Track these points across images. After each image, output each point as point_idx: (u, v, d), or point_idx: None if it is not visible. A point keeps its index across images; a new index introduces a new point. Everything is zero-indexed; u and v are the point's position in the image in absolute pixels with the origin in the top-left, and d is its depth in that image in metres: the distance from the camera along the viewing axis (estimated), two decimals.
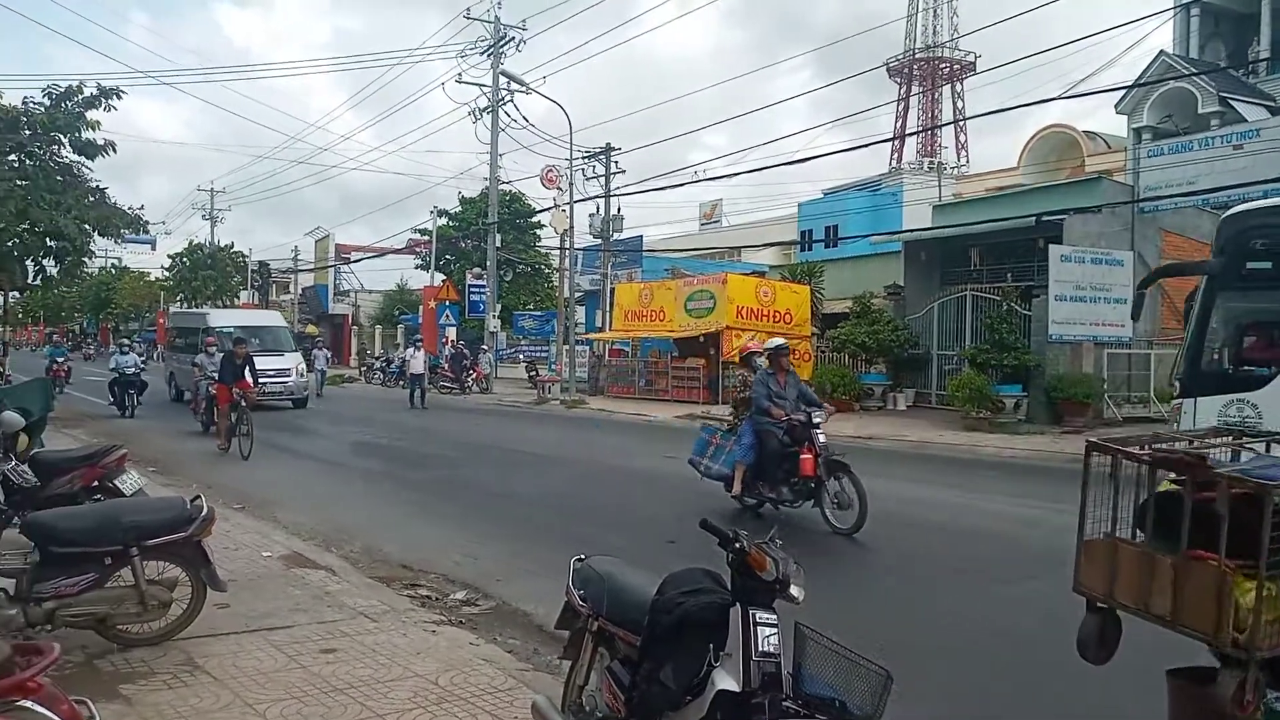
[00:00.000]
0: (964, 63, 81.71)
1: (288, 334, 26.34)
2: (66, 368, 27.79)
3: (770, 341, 9.95)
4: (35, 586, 4.87)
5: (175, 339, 28.72)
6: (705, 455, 10.05)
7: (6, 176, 15.92)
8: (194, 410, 18.32)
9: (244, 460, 13.57)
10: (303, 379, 24.37)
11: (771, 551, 2.92)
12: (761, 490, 9.45)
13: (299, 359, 24.79)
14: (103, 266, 63.05)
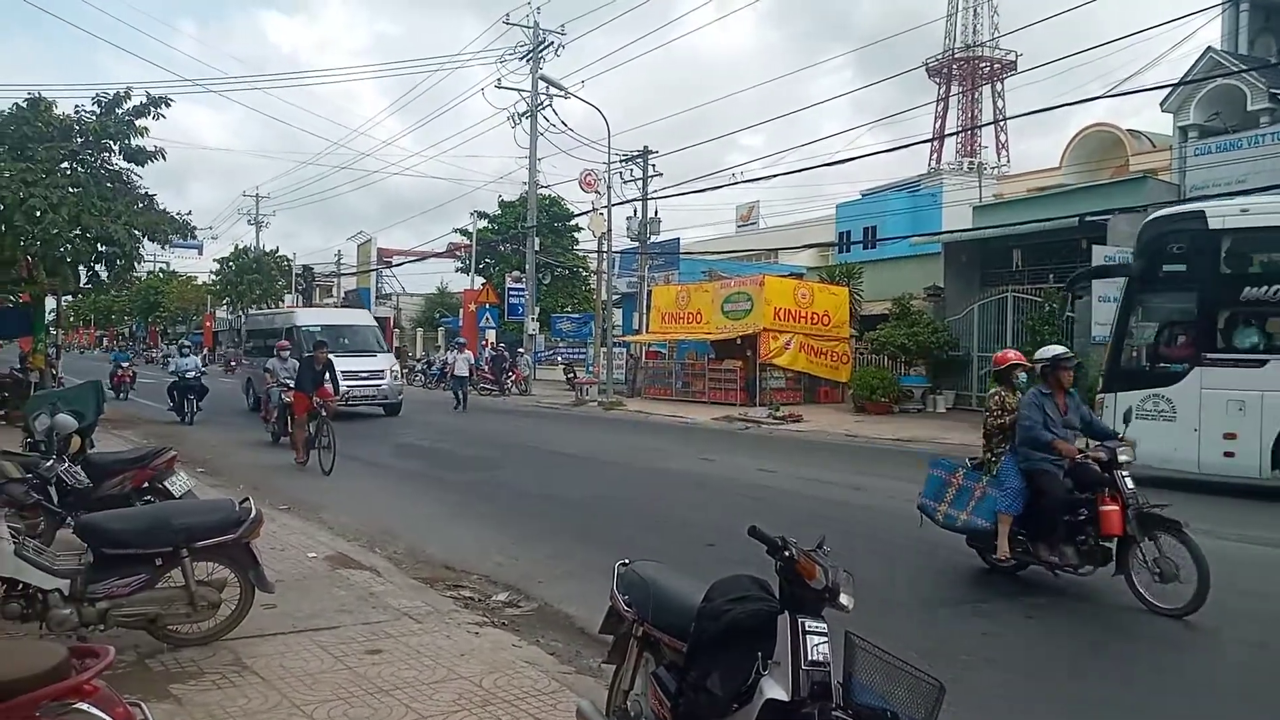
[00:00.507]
0: (1004, 62, 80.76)
1: (378, 333, 24.22)
2: (131, 373, 27.09)
3: (1045, 351, 7.48)
4: (89, 587, 4.96)
5: (253, 341, 27.31)
6: (943, 500, 7.60)
7: (59, 184, 16.24)
8: (264, 419, 17.12)
9: (325, 475, 12.50)
10: (397, 382, 22.34)
11: (821, 559, 2.90)
12: (1038, 552, 6.99)
13: (392, 360, 22.93)
14: (151, 271, 64.23)
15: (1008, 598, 6.88)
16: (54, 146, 16.67)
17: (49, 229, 16.04)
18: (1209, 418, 11.50)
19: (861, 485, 12.02)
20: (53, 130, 16.96)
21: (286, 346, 17.38)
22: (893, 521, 9.66)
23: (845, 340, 26.65)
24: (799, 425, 20.57)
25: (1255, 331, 11.63)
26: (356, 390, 19.55)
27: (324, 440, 12.91)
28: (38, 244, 16.50)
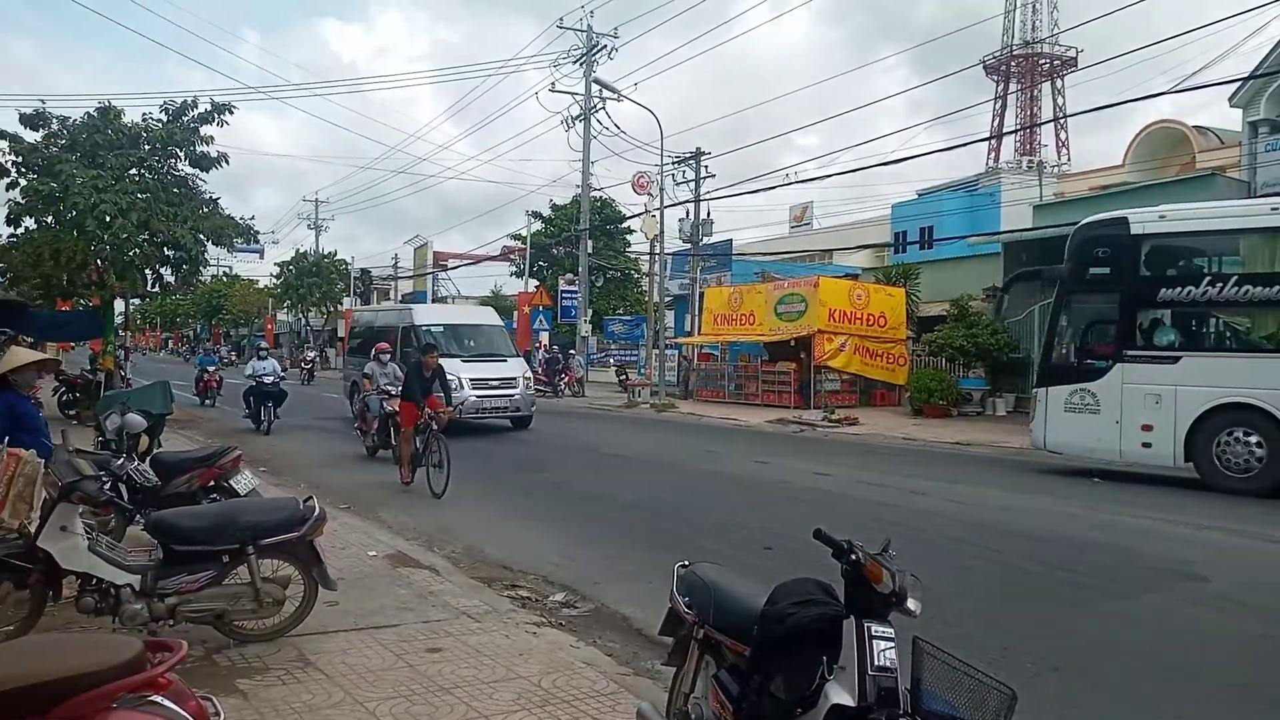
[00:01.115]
0: (1064, 58, 79.09)
1: (505, 335, 21.32)
2: (218, 378, 25.62)
3: None
4: (159, 582, 5.08)
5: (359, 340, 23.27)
6: None
7: (129, 190, 16.74)
8: (359, 429, 15.24)
9: (436, 499, 10.84)
10: (530, 392, 19.33)
11: (887, 563, 2.84)
12: None
13: (523, 366, 19.70)
14: (215, 274, 65.80)
15: (1074, 604, 6.72)
16: (123, 153, 17.18)
17: (119, 234, 16.53)
18: (1129, 411, 12.44)
19: (920, 489, 11.85)
20: (122, 138, 17.48)
21: (386, 349, 15.74)
22: (953, 526, 9.52)
23: (901, 342, 26.31)
24: (855, 428, 20.36)
25: (1171, 330, 12.58)
26: (486, 401, 17.68)
27: (434, 458, 11.24)
28: (108, 248, 17.01)
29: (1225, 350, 12.51)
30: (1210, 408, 11.83)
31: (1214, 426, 11.87)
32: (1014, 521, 9.80)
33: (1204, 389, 11.90)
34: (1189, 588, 7.20)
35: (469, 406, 17.08)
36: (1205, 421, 11.89)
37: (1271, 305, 11.83)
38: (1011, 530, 9.32)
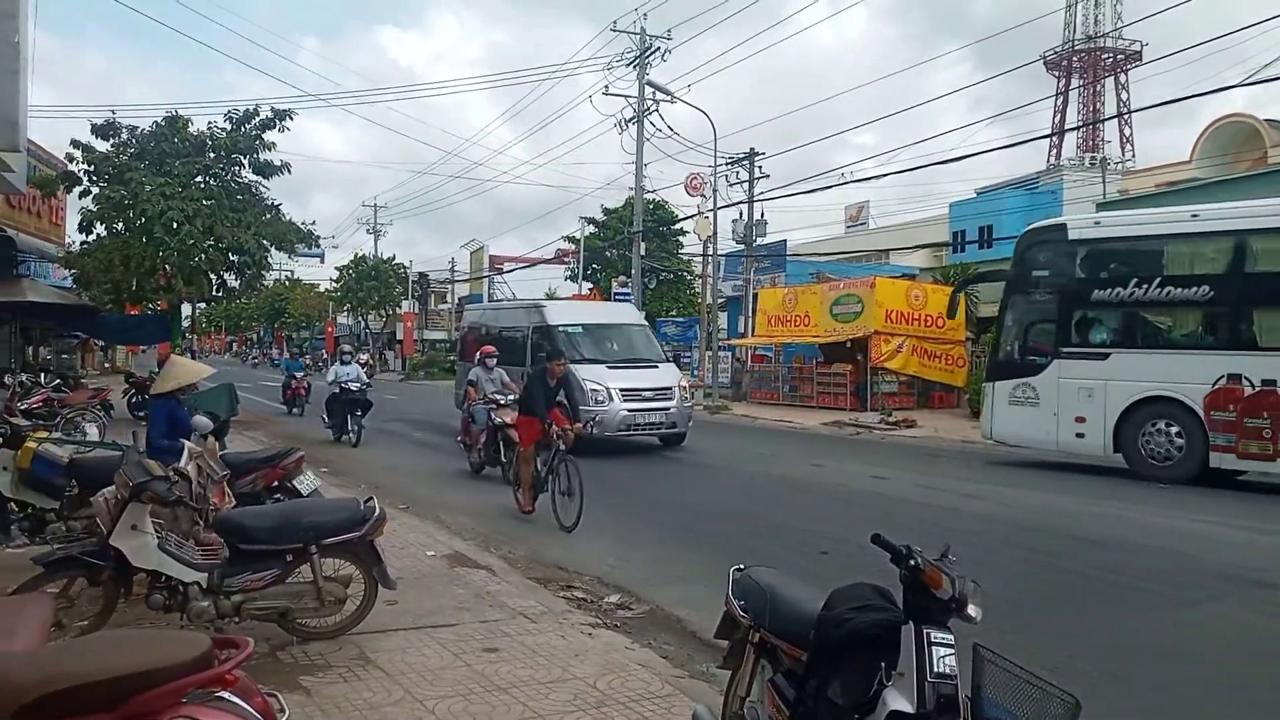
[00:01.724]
0: (1129, 52, 77.17)
1: (651, 336, 18.34)
2: (306, 384, 23.29)
3: None
4: (225, 580, 5.21)
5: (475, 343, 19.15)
6: None
7: (195, 197, 17.22)
8: (462, 442, 13.47)
9: (566, 532, 9.12)
10: (686, 405, 16.44)
11: (947, 569, 2.81)
12: None
13: (677, 373, 16.97)
14: (277, 279, 67.14)
15: (1135, 611, 6.56)
16: (190, 161, 17.66)
17: (185, 239, 16.99)
18: (1064, 404, 13.46)
19: (978, 493, 11.66)
20: (188, 146, 17.98)
21: (491, 352, 13.65)
22: (1013, 531, 9.36)
23: (961, 343, 25.91)
24: (912, 431, 20.10)
25: (1102, 328, 13.58)
26: (639, 416, 15.05)
27: (561, 482, 9.43)
28: (175, 254, 17.49)
29: (1149, 347, 13.23)
30: (1136, 401, 12.79)
31: (1140, 418, 12.81)
32: (1073, 526, 9.59)
33: (1130, 383, 12.90)
34: (1257, 595, 6.99)
35: (617, 422, 14.80)
36: (1132, 414, 12.86)
37: (1190, 305, 12.85)
38: (1071, 535, 9.13)
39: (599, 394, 14.58)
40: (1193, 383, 12.32)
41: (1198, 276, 12.70)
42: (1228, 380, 12.05)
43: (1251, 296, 12.22)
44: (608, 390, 14.84)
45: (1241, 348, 12.19)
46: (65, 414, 14.40)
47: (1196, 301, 12.68)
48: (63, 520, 7.30)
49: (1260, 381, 11.75)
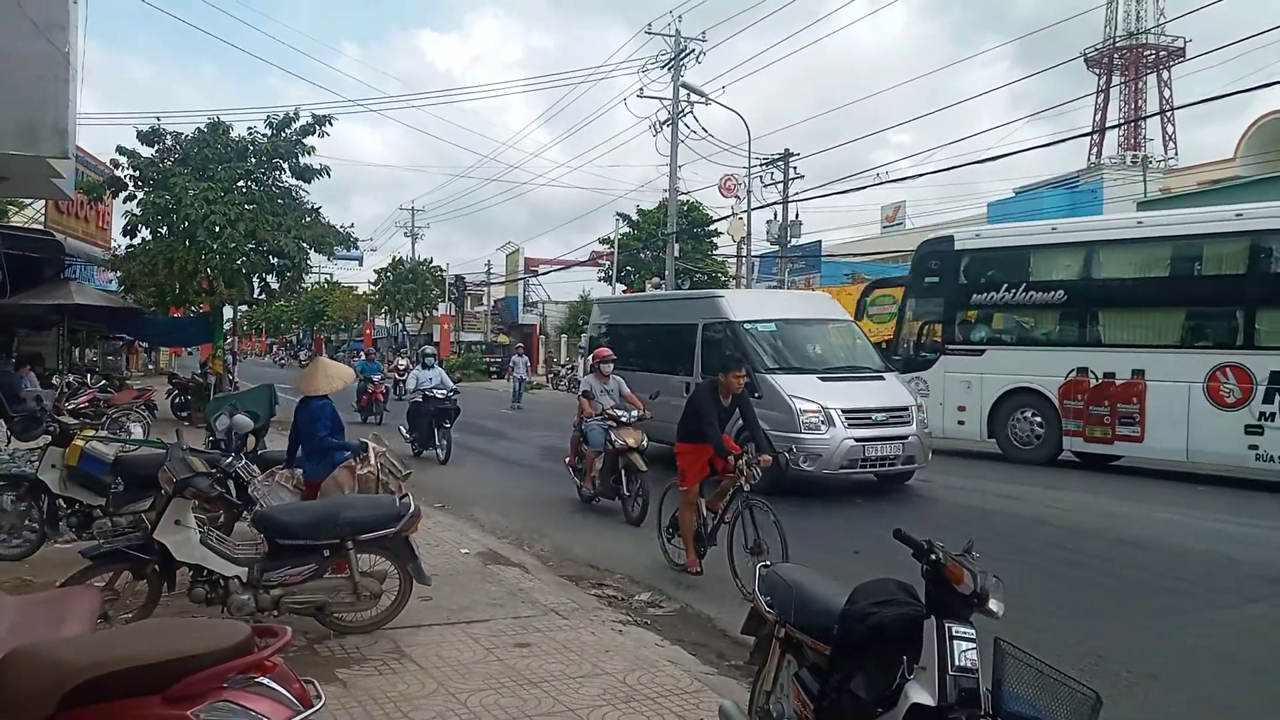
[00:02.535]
0: (1171, 49, 75.84)
1: (862, 336, 13.80)
2: (383, 389, 20.71)
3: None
4: (264, 575, 5.34)
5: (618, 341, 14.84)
6: None
7: (237, 201, 17.51)
8: (572, 467, 11.05)
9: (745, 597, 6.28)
10: (926, 430, 12.37)
11: (969, 564, 2.84)
12: None
13: (905, 390, 12.37)
14: (316, 281, 68.02)
15: (1173, 613, 6.50)
16: (231, 166, 17.98)
17: (227, 243, 17.30)
18: (949, 395, 15.28)
19: (1016, 494, 11.56)
20: (230, 151, 18.30)
21: (608, 356, 11.03)
22: (1051, 531, 9.29)
23: None
24: None
25: (980, 328, 15.47)
26: (870, 448, 11.02)
27: (749, 537, 7.04)
28: (217, 257, 17.81)
29: (1016, 344, 15.02)
30: (1005, 392, 14.64)
31: (1008, 408, 14.66)
32: (1112, 527, 9.50)
33: (1000, 376, 14.71)
34: None
35: (840, 456, 10.84)
36: (1002, 403, 14.70)
37: (1048, 307, 14.56)
38: (1109, 536, 9.05)
39: (813, 417, 10.86)
40: (1050, 376, 14.12)
41: (1054, 282, 14.50)
42: (1077, 373, 13.85)
43: (1097, 299, 14.03)
44: (826, 412, 10.93)
45: (1088, 344, 13.96)
46: (111, 414, 14.76)
47: (1053, 304, 14.47)
48: (108, 516, 7.51)
49: (1102, 374, 13.55)
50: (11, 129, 10.10)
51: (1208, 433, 12.60)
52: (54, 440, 7.56)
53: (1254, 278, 12.46)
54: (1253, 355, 12.32)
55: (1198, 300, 13.40)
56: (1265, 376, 12.14)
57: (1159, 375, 13.06)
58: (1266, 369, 12.12)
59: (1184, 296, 13.50)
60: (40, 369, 17.10)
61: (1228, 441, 12.48)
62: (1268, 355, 12.18)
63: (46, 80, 10.14)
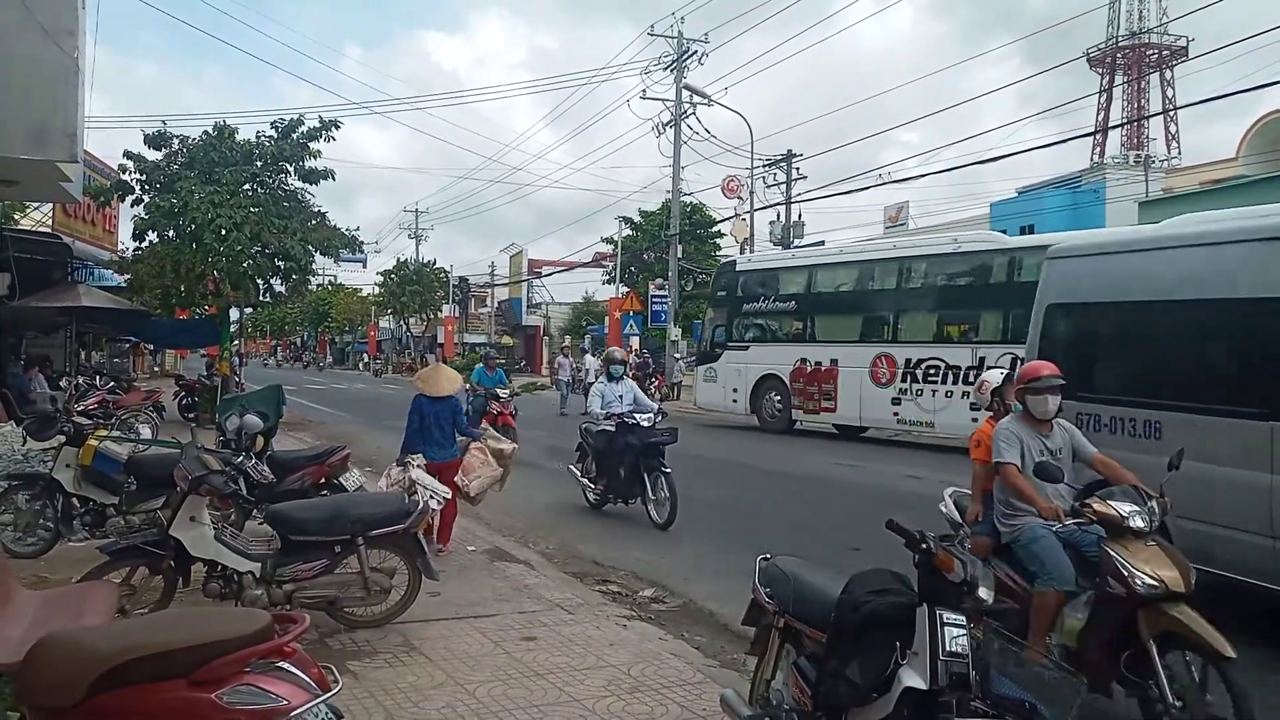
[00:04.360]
0: (1174, 48, 75.83)
1: None
2: (514, 410, 15.77)
3: None
4: (277, 570, 5.47)
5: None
6: None
7: (243, 204, 17.62)
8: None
9: None
10: None
11: (959, 553, 2.96)
12: None
13: None
14: (320, 283, 68.21)
15: None
16: (238, 170, 18.08)
17: (234, 246, 17.42)
18: (727, 380, 20.62)
19: None
20: (236, 155, 18.40)
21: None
22: None
23: None
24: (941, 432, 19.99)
25: (748, 330, 20.89)
26: None
27: None
28: (224, 260, 17.93)
29: (768, 342, 20.27)
30: (760, 377, 19.66)
31: (762, 390, 19.73)
32: None
33: (758, 366, 19.94)
34: None
35: None
36: (759, 386, 19.77)
37: (786, 315, 19.96)
38: None
39: None
40: (785, 365, 19.24)
41: (789, 295, 19.82)
42: (800, 362, 18.93)
43: (813, 308, 19.48)
44: None
45: (807, 341, 19.26)
46: (120, 415, 14.89)
47: (788, 311, 19.93)
48: (121, 515, 7.65)
49: (814, 363, 18.47)
50: (21, 133, 10.23)
51: (871, 403, 17.68)
52: (68, 440, 7.70)
53: (896, 292, 17.81)
54: (897, 347, 17.35)
55: (867, 308, 18.52)
56: (903, 362, 17.04)
57: (845, 363, 18.04)
58: (904, 357, 17.05)
59: (860, 305, 18.77)
60: (48, 371, 17.24)
61: (882, 409, 17.44)
62: (906, 347, 17.20)
63: (56, 85, 10.27)
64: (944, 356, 16.52)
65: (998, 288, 16.21)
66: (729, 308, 21.13)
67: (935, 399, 16.54)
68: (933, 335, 17.10)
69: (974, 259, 16.94)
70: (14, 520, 7.58)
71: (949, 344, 16.70)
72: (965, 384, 15.73)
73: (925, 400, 16.60)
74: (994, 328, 16.21)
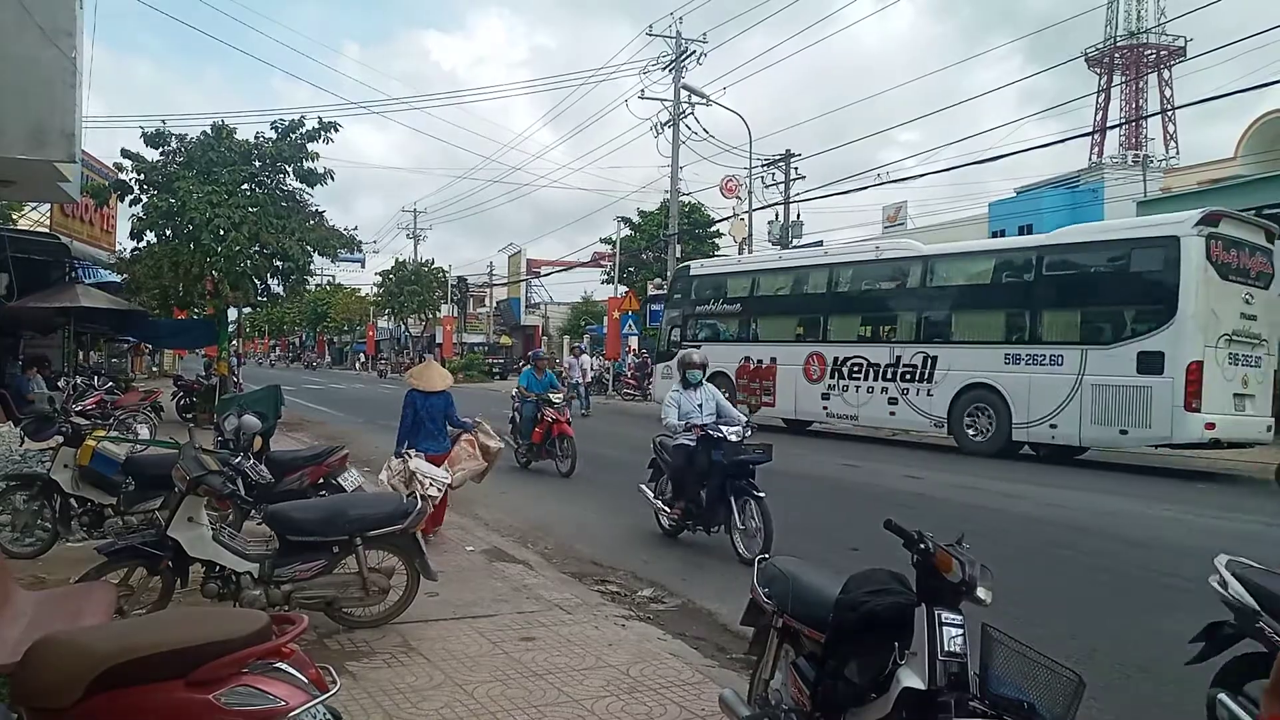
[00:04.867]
0: (1172, 48, 75.90)
1: None
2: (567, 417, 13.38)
3: None
4: (275, 570, 5.46)
5: None
6: None
7: (241, 204, 17.60)
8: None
9: None
10: None
11: (958, 553, 2.95)
12: None
13: None
14: (318, 284, 68.16)
15: (1169, 609, 6.59)
16: (236, 170, 18.07)
17: (232, 246, 17.41)
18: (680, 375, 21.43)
19: (1016, 493, 11.67)
20: (234, 155, 18.38)
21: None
22: (1050, 529, 9.39)
23: None
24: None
25: (700, 330, 22.41)
26: None
27: None
28: (222, 260, 17.92)
29: (717, 341, 21.46)
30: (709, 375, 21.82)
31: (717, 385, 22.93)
32: (1113, 525, 9.60)
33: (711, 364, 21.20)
34: None
35: None
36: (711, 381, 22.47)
37: (732, 315, 21.65)
38: (1110, 534, 9.15)
39: None
40: (731, 362, 20.61)
41: (735, 298, 21.52)
42: (744, 360, 20.55)
43: (756, 310, 21.07)
44: None
45: (750, 340, 20.88)
46: (118, 415, 14.87)
47: (734, 313, 21.53)
48: (119, 515, 7.64)
49: (756, 360, 19.71)
50: (19, 133, 10.23)
51: (804, 398, 19.25)
52: (66, 440, 7.69)
53: (826, 296, 19.47)
54: (827, 346, 18.93)
55: (801, 310, 20.21)
56: (832, 361, 18.63)
57: (783, 361, 19.68)
58: (833, 355, 18.65)
59: (795, 308, 20.45)
60: (46, 371, 17.23)
61: (813, 404, 19.09)
62: (834, 346, 18.79)
63: (54, 85, 10.27)
64: (866, 355, 18.19)
65: (912, 292, 17.77)
66: (683, 309, 22.82)
67: (859, 394, 18.17)
68: (856, 335, 18.78)
69: (892, 265, 18.54)
70: (12, 520, 7.56)
71: (870, 343, 18.36)
72: (884, 380, 17.68)
73: (850, 395, 18.27)
74: (909, 328, 17.62)
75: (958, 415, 16.42)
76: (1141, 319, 14.36)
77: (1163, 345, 13.86)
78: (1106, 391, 14.36)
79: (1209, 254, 13.86)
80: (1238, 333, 14.26)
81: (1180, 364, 13.55)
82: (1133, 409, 14.08)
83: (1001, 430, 15.66)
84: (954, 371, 16.49)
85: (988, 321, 16.62)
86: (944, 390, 16.61)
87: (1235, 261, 14.39)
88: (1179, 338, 13.72)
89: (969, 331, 16.82)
